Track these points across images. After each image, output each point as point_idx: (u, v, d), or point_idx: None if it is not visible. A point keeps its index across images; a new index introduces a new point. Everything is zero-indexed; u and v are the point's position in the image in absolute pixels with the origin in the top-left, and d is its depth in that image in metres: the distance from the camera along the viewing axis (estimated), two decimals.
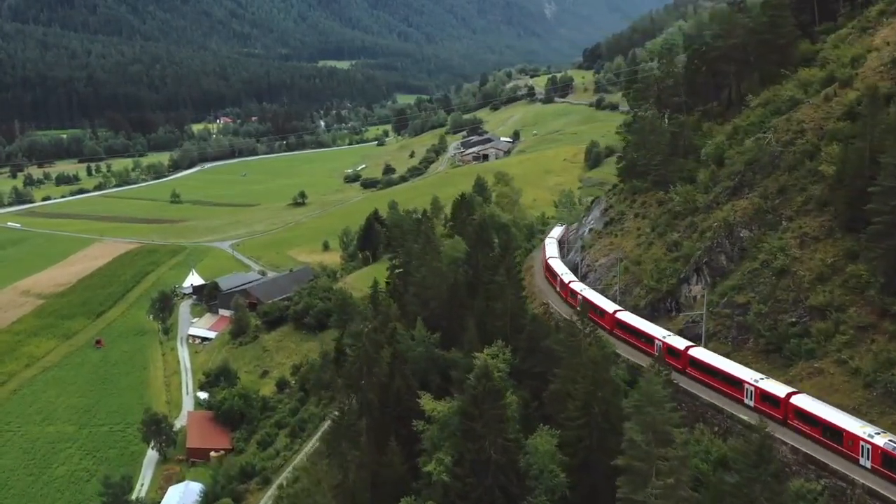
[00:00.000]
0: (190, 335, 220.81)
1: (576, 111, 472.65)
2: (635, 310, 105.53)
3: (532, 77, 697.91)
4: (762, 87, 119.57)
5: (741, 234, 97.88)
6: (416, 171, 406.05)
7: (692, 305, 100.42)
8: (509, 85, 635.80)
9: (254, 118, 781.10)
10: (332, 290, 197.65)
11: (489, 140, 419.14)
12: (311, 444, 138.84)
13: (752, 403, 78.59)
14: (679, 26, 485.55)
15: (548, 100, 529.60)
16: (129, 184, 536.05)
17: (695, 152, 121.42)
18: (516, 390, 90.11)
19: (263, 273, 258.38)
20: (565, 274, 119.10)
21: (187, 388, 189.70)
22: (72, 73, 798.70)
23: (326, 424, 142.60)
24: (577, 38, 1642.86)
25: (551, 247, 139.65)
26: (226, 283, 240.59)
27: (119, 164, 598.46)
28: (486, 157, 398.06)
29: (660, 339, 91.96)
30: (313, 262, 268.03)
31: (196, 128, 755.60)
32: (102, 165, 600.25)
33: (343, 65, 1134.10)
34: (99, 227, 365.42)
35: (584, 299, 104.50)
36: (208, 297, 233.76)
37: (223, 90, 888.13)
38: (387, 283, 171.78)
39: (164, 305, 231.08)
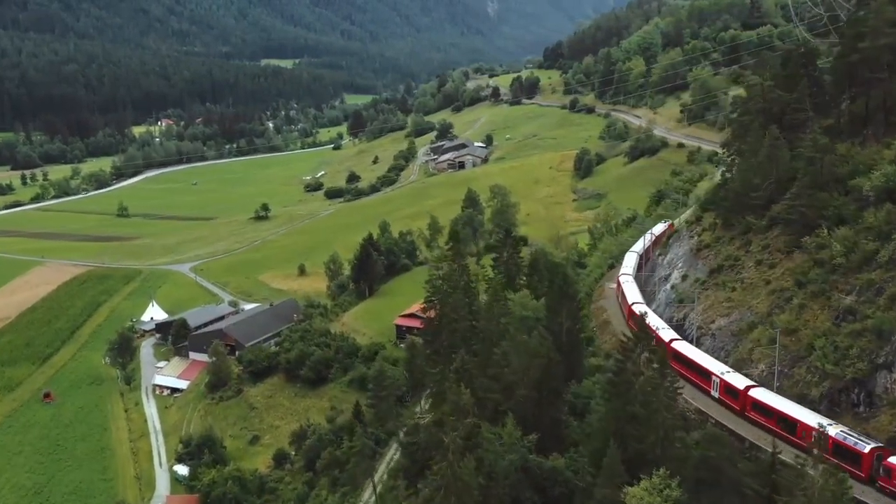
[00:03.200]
0: (156, 385, 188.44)
1: (548, 113, 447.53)
2: (804, 401, 78.98)
3: (491, 77, 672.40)
4: None
5: None
6: (386, 181, 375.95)
7: None
8: (471, 85, 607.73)
9: (199, 120, 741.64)
10: (330, 335, 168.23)
11: (464, 146, 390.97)
12: None
13: (717, 395, 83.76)
14: (656, 24, 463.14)
15: (515, 101, 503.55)
16: (69, 194, 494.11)
17: (839, 183, 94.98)
18: None
19: (235, 305, 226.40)
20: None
21: (160, 457, 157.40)
22: (2, 72, 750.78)
23: None
24: (521, 35, 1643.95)
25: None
26: (195, 318, 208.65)
27: (57, 172, 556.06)
28: (461, 164, 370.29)
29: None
30: (291, 290, 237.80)
31: (137, 131, 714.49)
32: (38, 173, 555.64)
33: (286, 63, 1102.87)
34: (39, 247, 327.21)
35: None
36: (176, 337, 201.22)
37: (164, 90, 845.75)
38: (417, 333, 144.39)
39: (124, 349, 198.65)
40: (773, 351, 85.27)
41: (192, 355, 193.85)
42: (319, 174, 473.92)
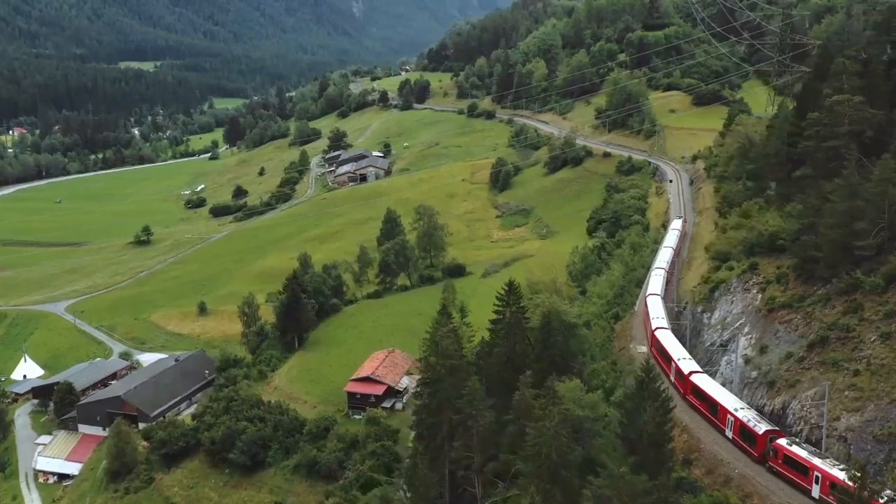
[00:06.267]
0: (39, 470, 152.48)
1: (444, 119, 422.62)
2: None
3: (373, 80, 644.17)
4: None
5: None
6: (281, 196, 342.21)
7: None
8: (355, 89, 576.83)
9: (56, 128, 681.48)
10: (263, 405, 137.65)
11: (363, 156, 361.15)
12: None
13: (672, 379, 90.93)
14: (554, 24, 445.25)
15: (406, 106, 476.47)
16: None
17: None
18: None
19: (128, 356, 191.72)
20: None
21: None
22: None
23: None
24: (388, 36, 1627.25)
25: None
26: (81, 378, 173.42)
27: None
28: (363, 177, 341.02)
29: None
30: (193, 335, 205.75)
31: None
32: None
33: (147, 66, 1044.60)
34: None
35: None
36: (60, 405, 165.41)
37: (14, 96, 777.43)
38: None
39: None
40: None
41: (83, 428, 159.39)
42: (199, 188, 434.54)
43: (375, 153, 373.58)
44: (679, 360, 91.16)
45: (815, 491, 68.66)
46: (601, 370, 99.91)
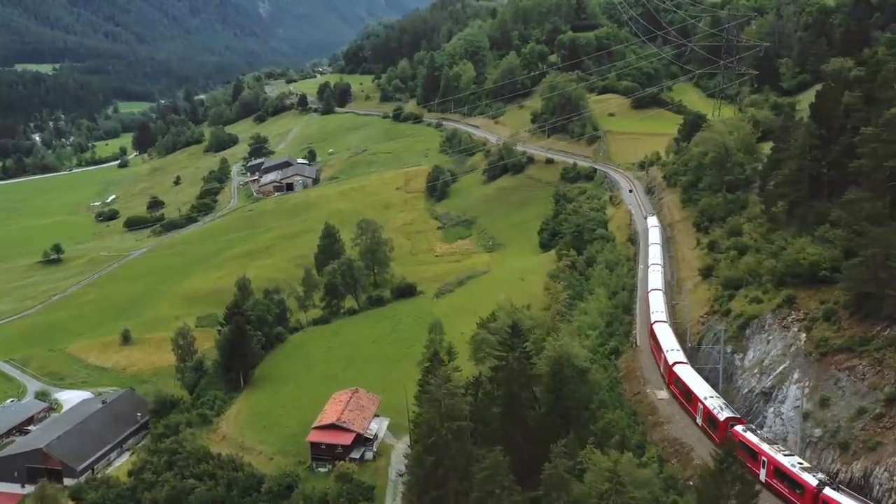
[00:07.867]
0: None
1: (369, 123, 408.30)
2: None
3: (289, 82, 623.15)
4: None
5: None
6: (202, 208, 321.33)
7: None
8: (272, 92, 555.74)
9: None
10: (213, 459, 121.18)
11: (288, 164, 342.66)
12: None
13: (661, 370, 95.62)
14: (480, 26, 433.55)
15: (327, 110, 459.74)
16: None
17: None
18: None
19: (45, 396, 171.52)
20: None
21: None
22: None
23: None
24: (295, 37, 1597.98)
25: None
26: None
27: None
28: (290, 186, 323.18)
29: None
30: (117, 368, 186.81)
31: None
32: None
33: (45, 69, 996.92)
34: None
35: None
36: None
37: None
38: None
39: None
40: None
41: None
42: (110, 199, 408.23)
43: (300, 160, 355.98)
44: (667, 350, 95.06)
45: (763, 475, 71.48)
46: (620, 422, 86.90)
